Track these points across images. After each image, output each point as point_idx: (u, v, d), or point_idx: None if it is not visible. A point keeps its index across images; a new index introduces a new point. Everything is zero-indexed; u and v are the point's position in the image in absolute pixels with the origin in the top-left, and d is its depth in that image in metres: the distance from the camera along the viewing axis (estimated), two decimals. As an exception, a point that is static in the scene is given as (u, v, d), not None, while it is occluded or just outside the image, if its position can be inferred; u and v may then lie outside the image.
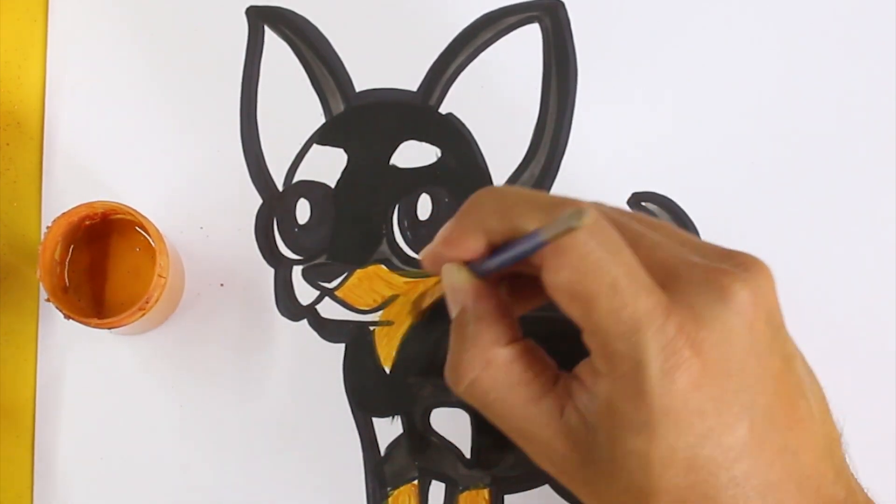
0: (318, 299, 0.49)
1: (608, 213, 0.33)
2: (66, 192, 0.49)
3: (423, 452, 0.48)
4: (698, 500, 0.30)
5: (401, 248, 0.49)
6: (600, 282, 0.30)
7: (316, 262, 0.49)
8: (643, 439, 0.30)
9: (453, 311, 0.34)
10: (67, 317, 0.44)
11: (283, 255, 0.49)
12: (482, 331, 0.33)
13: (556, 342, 0.34)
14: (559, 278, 0.30)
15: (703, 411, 0.29)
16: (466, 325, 0.33)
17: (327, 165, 0.50)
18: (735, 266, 0.31)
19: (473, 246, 0.33)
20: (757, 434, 0.30)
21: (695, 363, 0.29)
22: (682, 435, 0.29)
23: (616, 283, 0.29)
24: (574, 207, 0.29)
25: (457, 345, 0.34)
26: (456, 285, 0.34)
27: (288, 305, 0.49)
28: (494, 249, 0.33)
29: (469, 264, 0.34)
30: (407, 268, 0.49)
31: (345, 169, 0.50)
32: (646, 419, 0.29)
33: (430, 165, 0.49)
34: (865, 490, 0.33)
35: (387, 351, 0.49)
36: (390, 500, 0.48)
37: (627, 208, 0.49)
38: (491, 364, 0.33)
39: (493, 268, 0.33)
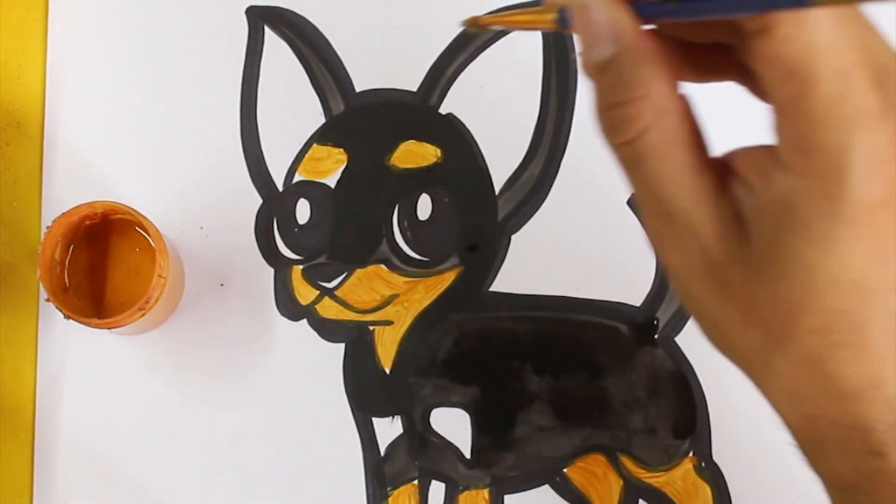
0: (318, 299, 0.49)
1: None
2: (66, 192, 0.49)
3: (423, 452, 0.48)
4: (846, 330, 0.27)
5: (401, 248, 0.49)
6: (829, 66, 0.26)
7: (316, 262, 0.49)
8: (816, 251, 0.26)
9: (599, 55, 0.28)
10: (67, 317, 0.44)
11: (283, 255, 0.49)
12: (655, 76, 0.28)
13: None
14: (785, 49, 0.26)
15: (883, 233, 0.26)
16: (628, 68, 0.28)
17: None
18: None
19: None
20: None
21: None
22: (858, 254, 0.26)
23: (845, 72, 0.26)
24: None
25: (617, 91, 0.28)
26: (614, 21, 0.28)
27: (288, 305, 0.49)
28: None
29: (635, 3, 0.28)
30: (407, 267, 0.49)
31: (345, 169, 0.50)
32: (826, 228, 0.26)
33: (430, 166, 0.49)
34: None
35: (387, 351, 0.49)
36: (390, 500, 0.48)
37: (628, 209, 0.49)
38: (665, 114, 0.28)
39: (685, 14, 0.27)
